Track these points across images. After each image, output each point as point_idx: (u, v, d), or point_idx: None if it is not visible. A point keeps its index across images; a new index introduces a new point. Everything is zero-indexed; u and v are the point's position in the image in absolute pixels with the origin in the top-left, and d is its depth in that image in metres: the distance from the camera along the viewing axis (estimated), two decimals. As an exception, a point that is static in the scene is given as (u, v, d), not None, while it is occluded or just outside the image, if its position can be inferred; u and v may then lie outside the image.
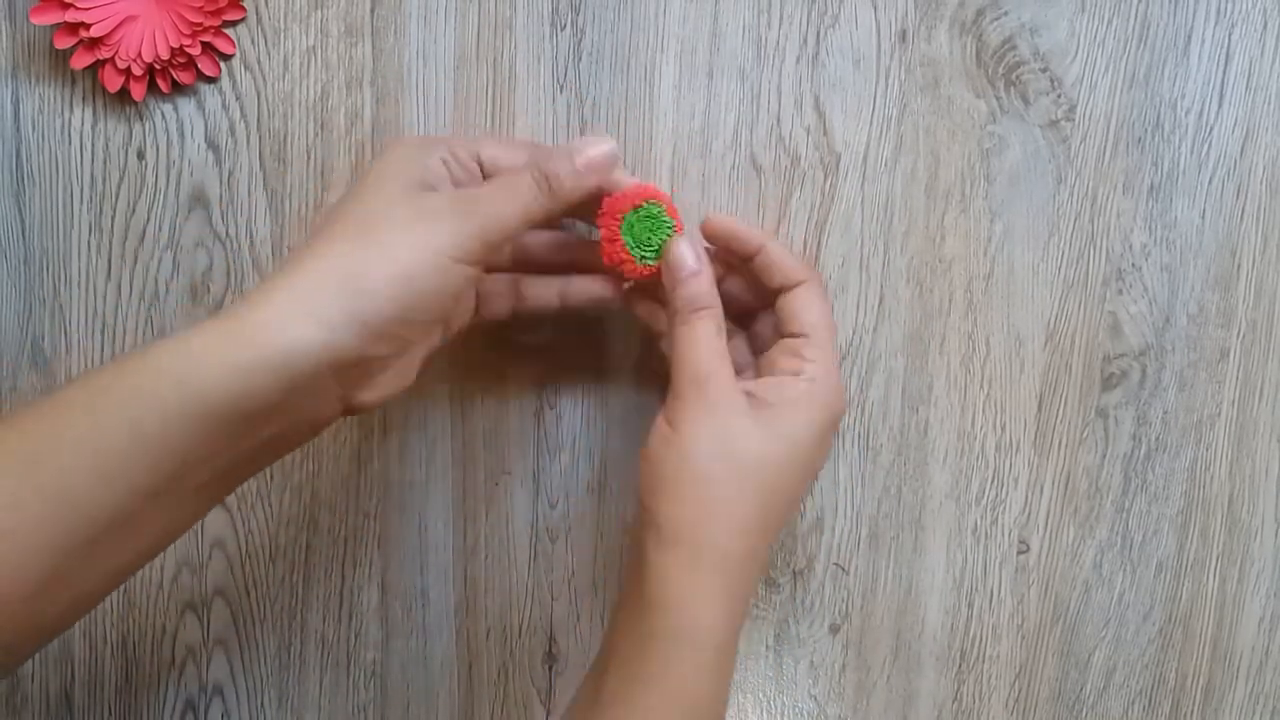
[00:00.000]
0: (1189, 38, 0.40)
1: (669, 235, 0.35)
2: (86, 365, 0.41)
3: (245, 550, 0.43)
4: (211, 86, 0.39)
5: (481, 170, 0.35)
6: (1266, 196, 0.41)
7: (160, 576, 0.43)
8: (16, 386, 0.41)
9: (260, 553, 0.43)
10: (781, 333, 0.35)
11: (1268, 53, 0.40)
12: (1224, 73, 0.40)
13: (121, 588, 0.43)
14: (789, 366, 0.34)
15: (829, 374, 0.34)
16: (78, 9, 0.35)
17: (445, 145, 0.34)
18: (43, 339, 0.41)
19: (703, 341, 0.33)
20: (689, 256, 0.34)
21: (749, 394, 0.33)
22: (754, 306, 0.37)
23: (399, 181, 0.32)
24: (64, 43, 0.36)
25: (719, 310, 0.34)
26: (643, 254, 0.35)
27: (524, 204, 0.32)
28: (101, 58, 0.36)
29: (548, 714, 0.45)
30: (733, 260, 0.37)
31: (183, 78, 0.37)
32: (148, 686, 0.44)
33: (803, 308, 0.35)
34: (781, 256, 0.35)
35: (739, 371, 0.35)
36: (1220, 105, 0.40)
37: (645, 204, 0.34)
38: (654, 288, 0.36)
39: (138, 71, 0.36)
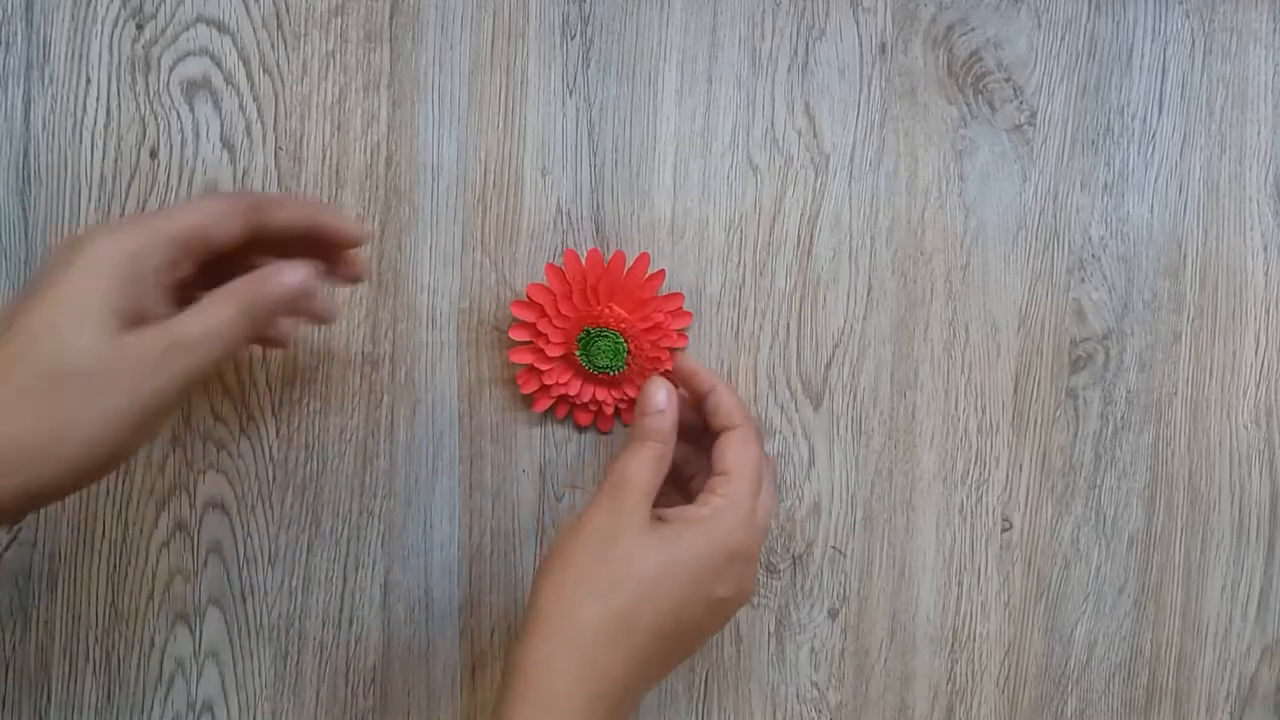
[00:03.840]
0: (1130, 52, 0.56)
1: (621, 355, 0.51)
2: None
3: (243, 555, 0.53)
4: (229, 88, 0.51)
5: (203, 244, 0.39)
6: (1204, 194, 0.57)
7: (151, 586, 0.53)
8: (8, 389, 0.51)
9: (259, 556, 0.54)
10: (711, 471, 0.46)
11: (1197, 67, 0.57)
12: (1162, 84, 0.56)
13: (109, 599, 0.53)
14: (701, 498, 0.45)
15: (733, 510, 0.44)
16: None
17: (160, 243, 0.37)
18: (39, 339, 0.51)
19: (638, 460, 0.44)
20: (660, 397, 0.46)
21: (659, 516, 0.44)
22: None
23: (83, 323, 0.35)
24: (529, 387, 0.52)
25: (667, 446, 0.45)
26: (592, 366, 0.51)
27: (238, 326, 0.38)
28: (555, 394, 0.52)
29: (552, 715, 0.56)
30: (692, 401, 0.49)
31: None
32: (131, 706, 0.54)
33: (728, 450, 0.46)
34: (724, 401, 0.47)
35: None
36: (1161, 112, 0.57)
37: (601, 329, 0.50)
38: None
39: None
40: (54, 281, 0.36)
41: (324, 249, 0.44)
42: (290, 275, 0.39)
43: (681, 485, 0.50)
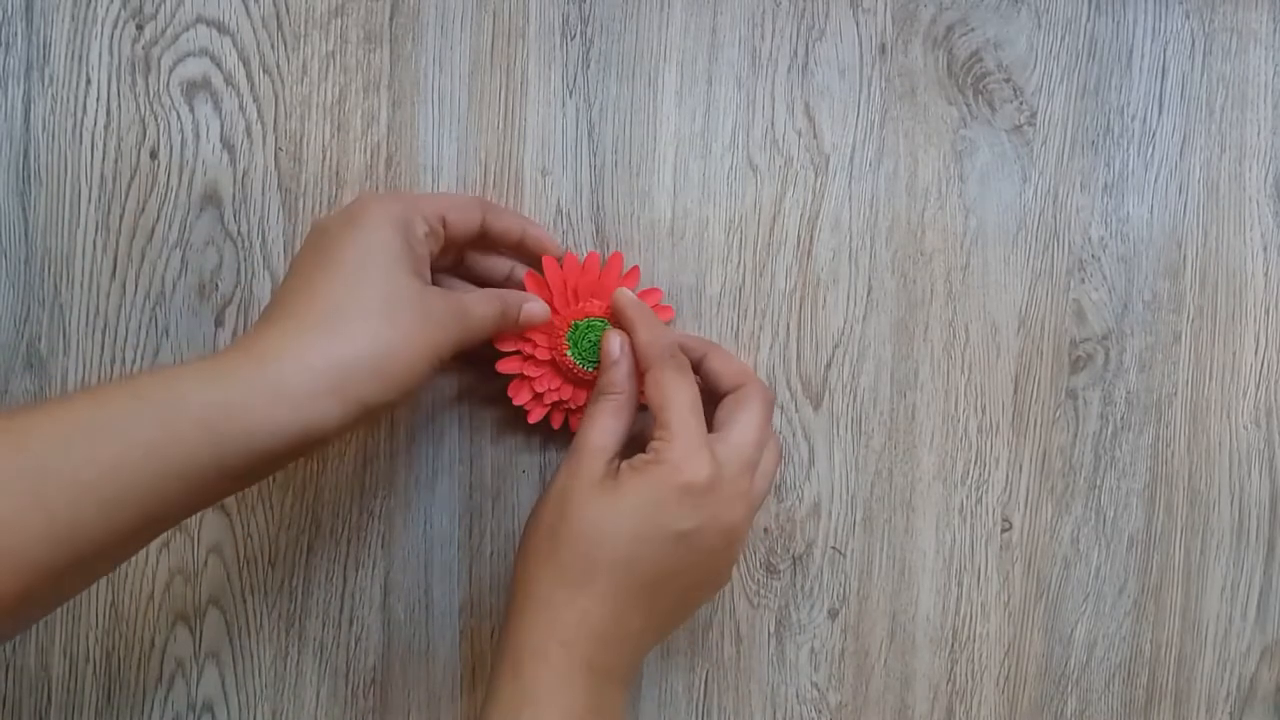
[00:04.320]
0: (1130, 52, 0.56)
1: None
2: (84, 365, 0.51)
3: (244, 555, 0.53)
4: (229, 88, 0.51)
5: (444, 228, 0.45)
6: (1204, 194, 0.57)
7: (151, 587, 0.53)
8: (8, 389, 0.51)
9: (259, 557, 0.54)
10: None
11: (1197, 67, 0.57)
12: (1162, 84, 0.56)
13: (109, 599, 0.53)
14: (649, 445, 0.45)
15: (677, 445, 0.43)
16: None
17: (420, 214, 0.43)
18: (39, 340, 0.51)
19: (592, 418, 0.46)
20: (613, 347, 0.47)
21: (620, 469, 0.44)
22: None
23: (392, 266, 0.41)
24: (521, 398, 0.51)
25: (622, 397, 0.46)
26: (585, 363, 0.50)
27: (496, 322, 0.45)
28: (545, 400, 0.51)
29: (552, 715, 0.56)
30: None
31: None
32: (131, 706, 0.54)
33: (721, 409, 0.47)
34: (711, 369, 0.49)
35: None
36: (1161, 113, 0.57)
37: (589, 319, 0.49)
38: None
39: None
40: (351, 238, 0.41)
41: (524, 256, 0.50)
42: (540, 305, 0.48)
43: None
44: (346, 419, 0.38)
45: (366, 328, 0.39)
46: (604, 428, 0.45)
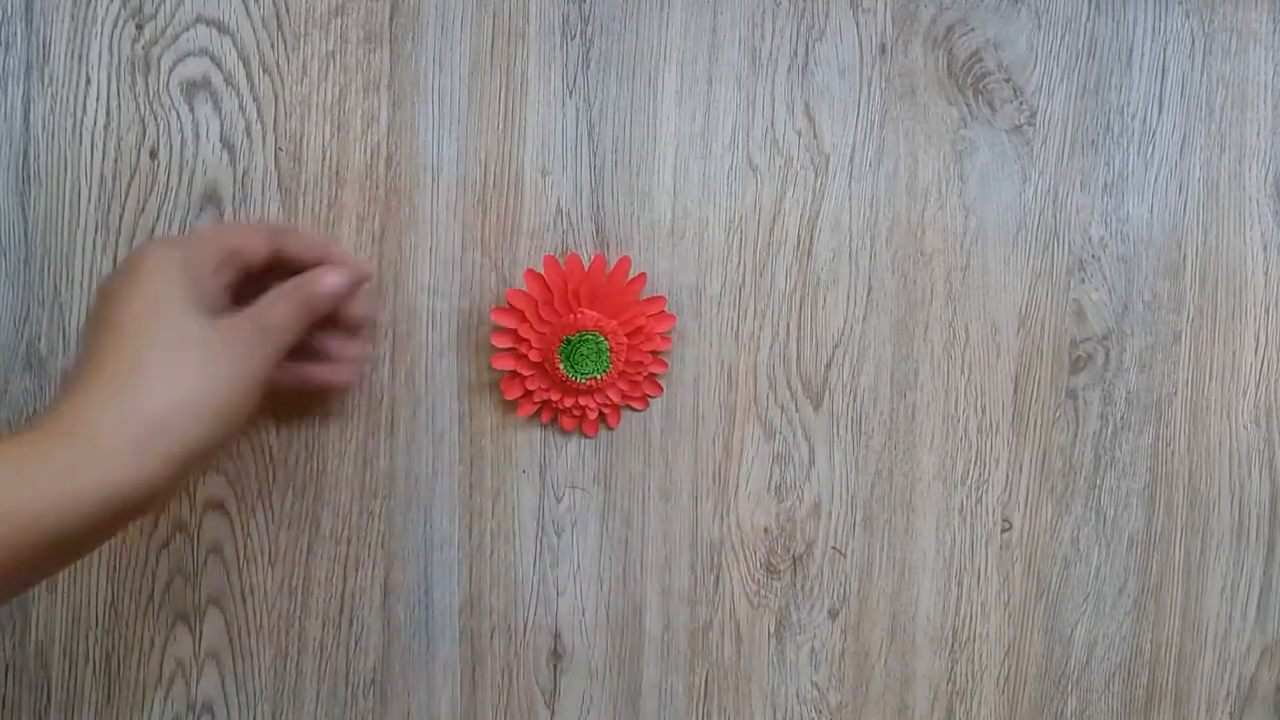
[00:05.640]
0: (1130, 52, 0.56)
1: (604, 356, 0.51)
2: (84, 366, 0.52)
3: (244, 555, 0.53)
4: (229, 88, 0.51)
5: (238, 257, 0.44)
6: (1204, 194, 0.57)
7: (151, 587, 0.53)
8: (8, 389, 0.51)
9: (259, 557, 0.54)
10: None
11: (1197, 67, 0.57)
12: (1162, 84, 0.57)
13: (109, 599, 0.53)
14: None
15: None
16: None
17: (205, 251, 0.42)
18: (39, 340, 0.51)
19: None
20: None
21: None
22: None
23: (179, 309, 0.40)
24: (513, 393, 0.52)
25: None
26: (576, 374, 0.51)
27: (300, 316, 0.44)
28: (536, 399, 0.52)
29: (552, 716, 0.56)
30: None
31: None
32: (131, 706, 0.54)
33: None
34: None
35: None
36: (1160, 112, 0.57)
37: (581, 334, 0.50)
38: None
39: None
40: (134, 290, 0.40)
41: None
42: (332, 275, 0.45)
43: None
44: (166, 474, 0.38)
45: (167, 376, 0.39)
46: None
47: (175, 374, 0.39)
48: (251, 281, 0.46)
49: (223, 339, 0.40)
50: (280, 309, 0.44)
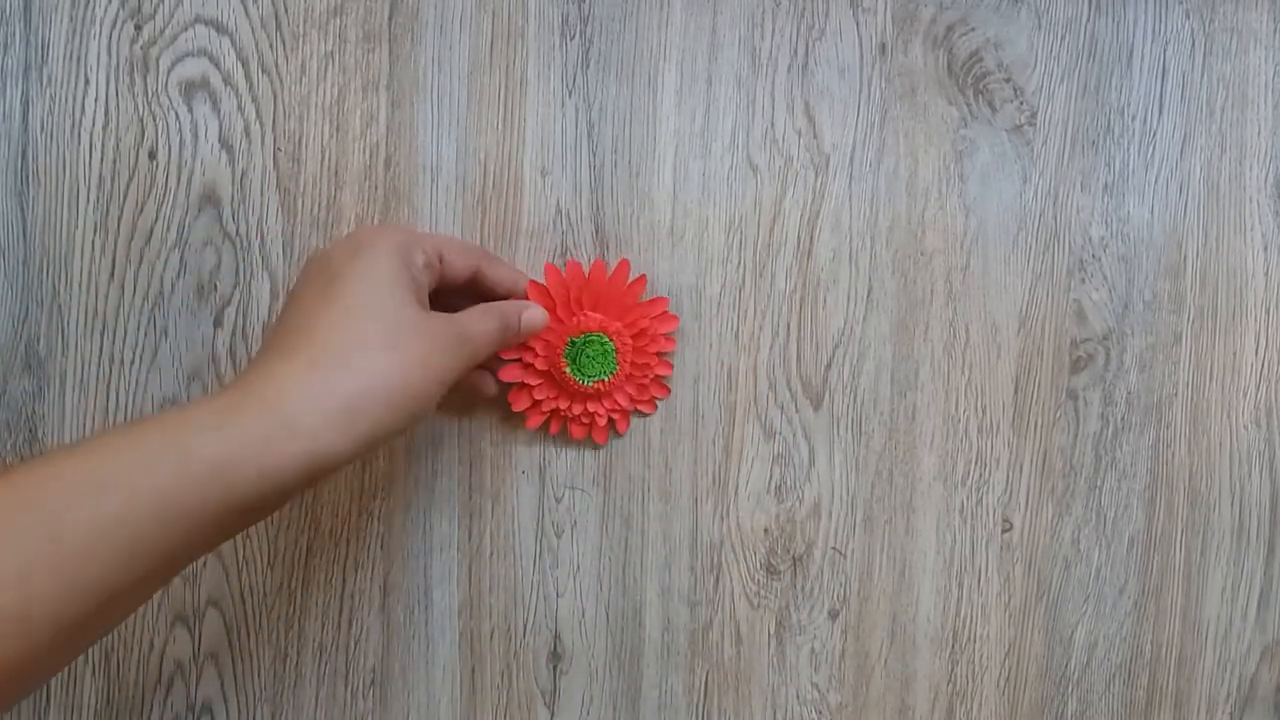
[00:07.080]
0: (1131, 52, 0.56)
1: (611, 357, 0.51)
2: (82, 366, 0.51)
3: (243, 556, 0.53)
4: (227, 88, 0.51)
5: (441, 265, 0.46)
6: (1204, 194, 0.57)
7: (150, 587, 0.53)
8: (7, 390, 0.51)
9: (258, 557, 0.54)
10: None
11: (1197, 67, 0.57)
12: (1162, 84, 0.57)
13: (107, 601, 0.53)
14: None
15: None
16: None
17: (420, 247, 0.44)
18: (38, 340, 0.51)
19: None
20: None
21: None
22: None
23: (397, 296, 0.41)
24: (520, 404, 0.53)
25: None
26: (583, 377, 0.51)
27: (497, 338, 0.46)
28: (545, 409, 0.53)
29: (552, 716, 0.56)
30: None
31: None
32: (131, 707, 0.54)
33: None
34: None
35: None
36: (1161, 113, 0.57)
37: (585, 335, 0.51)
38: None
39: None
40: (355, 269, 0.41)
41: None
42: (539, 311, 0.50)
43: None
44: (356, 451, 0.39)
45: (374, 360, 0.39)
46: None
47: (386, 360, 0.39)
48: (443, 292, 0.48)
49: (433, 334, 0.41)
50: (487, 324, 0.45)
